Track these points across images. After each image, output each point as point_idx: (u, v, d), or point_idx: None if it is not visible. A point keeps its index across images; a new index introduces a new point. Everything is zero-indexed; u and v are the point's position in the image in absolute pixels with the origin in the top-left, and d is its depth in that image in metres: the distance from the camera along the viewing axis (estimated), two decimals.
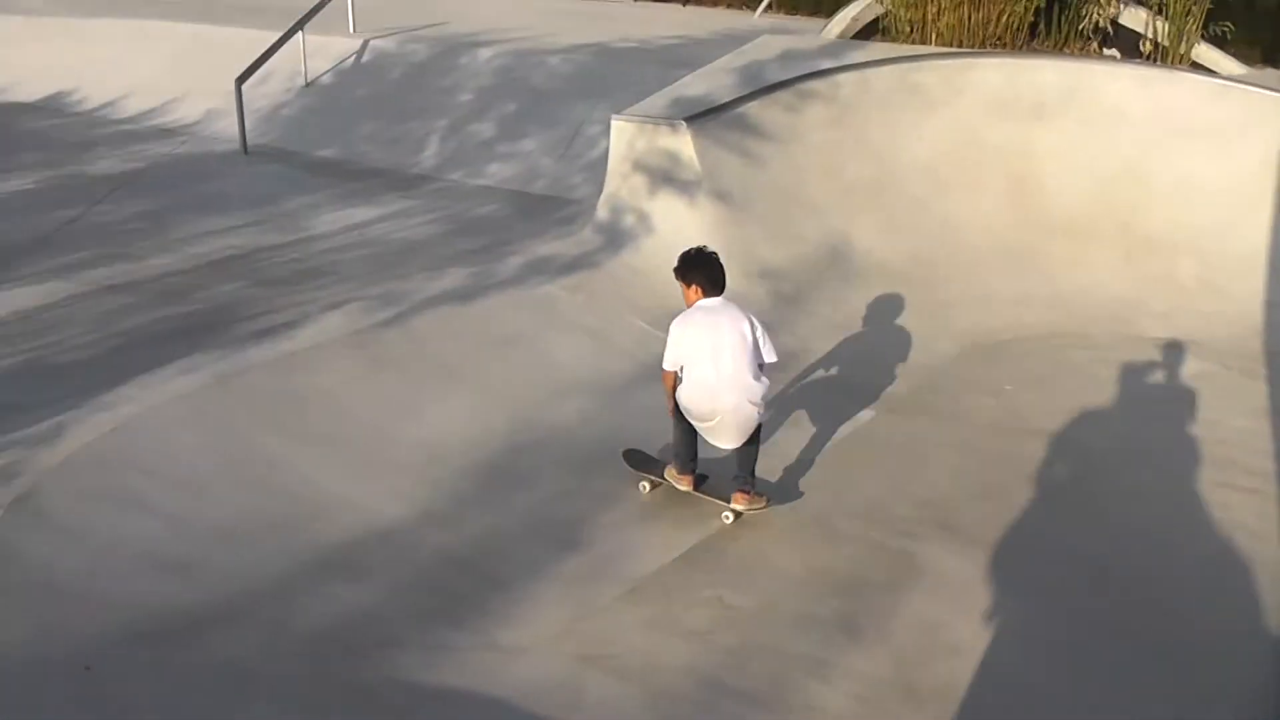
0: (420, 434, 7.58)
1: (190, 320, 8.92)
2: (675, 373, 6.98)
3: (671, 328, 7.00)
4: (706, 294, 6.99)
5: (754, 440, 6.97)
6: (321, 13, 15.86)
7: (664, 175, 10.51)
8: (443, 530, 6.66)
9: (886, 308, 10.07)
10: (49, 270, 9.84)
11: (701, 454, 7.11)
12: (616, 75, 14.07)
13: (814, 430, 8.13)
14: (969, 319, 9.93)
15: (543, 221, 11.48)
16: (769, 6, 20.96)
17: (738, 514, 6.96)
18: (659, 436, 7.45)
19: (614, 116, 11.02)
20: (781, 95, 11.42)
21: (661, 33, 17.31)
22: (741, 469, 7.00)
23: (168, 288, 9.62)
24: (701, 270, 7.01)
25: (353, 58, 16.02)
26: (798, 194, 10.90)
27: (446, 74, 14.98)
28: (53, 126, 15.79)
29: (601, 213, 10.84)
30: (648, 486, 7.32)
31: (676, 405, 6.99)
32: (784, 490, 7.29)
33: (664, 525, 6.94)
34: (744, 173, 10.77)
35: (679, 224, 10.26)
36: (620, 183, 10.86)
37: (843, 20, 14.44)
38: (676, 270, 7.14)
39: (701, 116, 10.77)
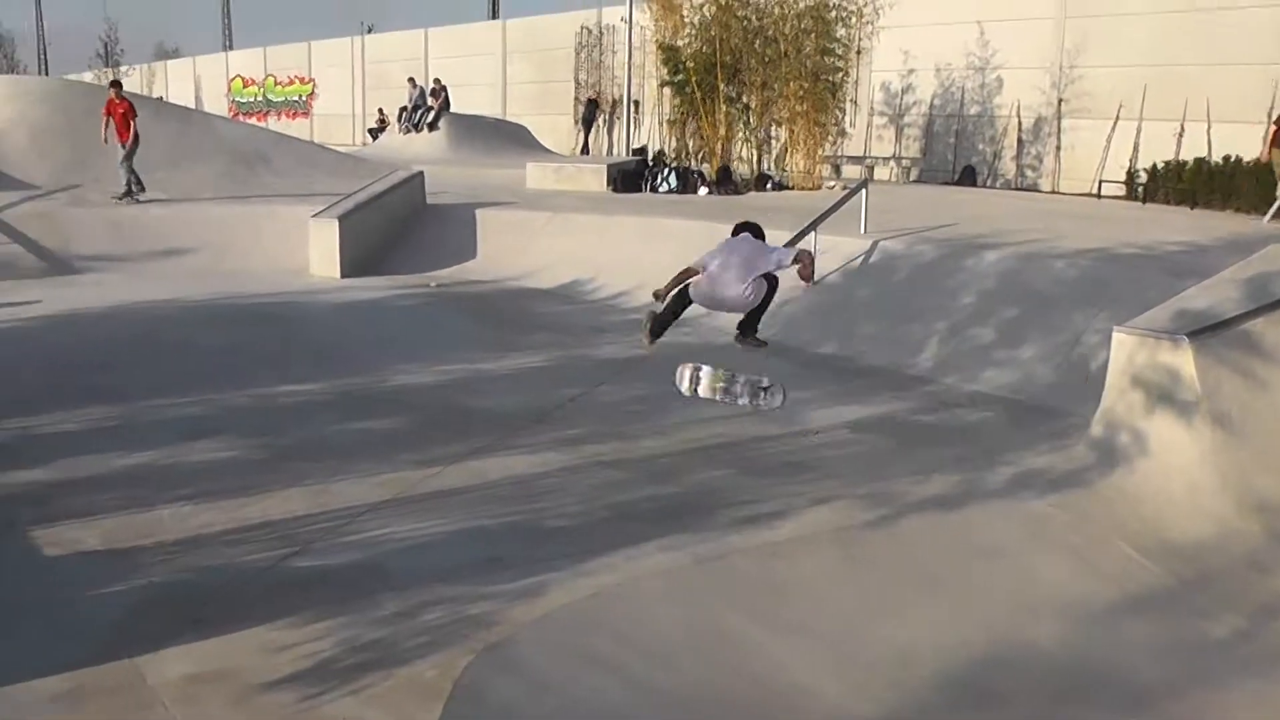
0: (893, 636, 7.71)
1: (676, 501, 9.51)
2: (695, 271, 9.24)
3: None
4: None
5: (757, 311, 9.47)
6: (836, 214, 16.62)
7: (1162, 393, 10.24)
8: None
9: None
10: (546, 441, 10.79)
11: None
12: (1119, 282, 13.90)
13: None
14: None
15: (1034, 433, 11.46)
16: (1278, 212, 20.09)
17: (737, 348, 9.88)
18: (1144, 669, 7.38)
19: (1115, 328, 10.89)
20: None
21: (1166, 237, 16.96)
22: (743, 325, 9.69)
23: (657, 468, 10.30)
24: (740, 226, 9.72)
25: (861, 258, 16.63)
26: None
27: (951, 275, 15.26)
28: (567, 311, 17.36)
29: (1096, 428, 10.70)
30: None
31: (679, 295, 9.36)
32: None
33: None
34: (1244, 395, 10.32)
35: (1176, 446, 10.00)
36: (1117, 398, 10.67)
37: None
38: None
39: (1204, 332, 10.46)
